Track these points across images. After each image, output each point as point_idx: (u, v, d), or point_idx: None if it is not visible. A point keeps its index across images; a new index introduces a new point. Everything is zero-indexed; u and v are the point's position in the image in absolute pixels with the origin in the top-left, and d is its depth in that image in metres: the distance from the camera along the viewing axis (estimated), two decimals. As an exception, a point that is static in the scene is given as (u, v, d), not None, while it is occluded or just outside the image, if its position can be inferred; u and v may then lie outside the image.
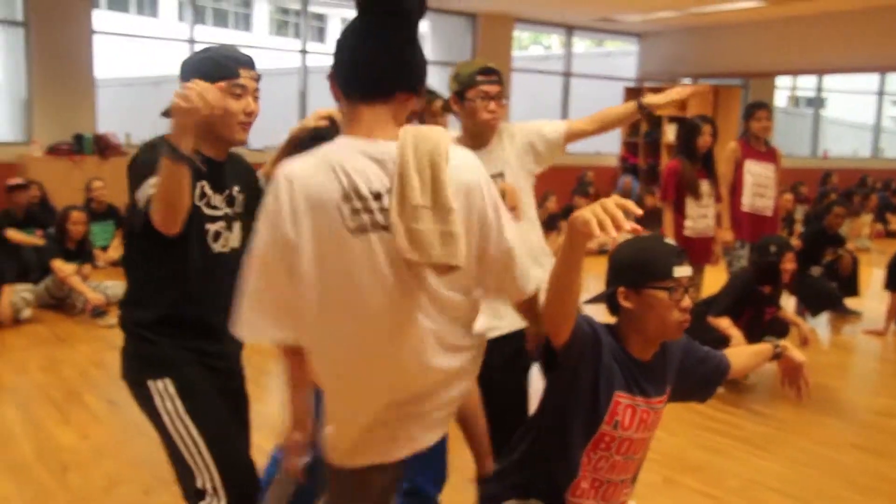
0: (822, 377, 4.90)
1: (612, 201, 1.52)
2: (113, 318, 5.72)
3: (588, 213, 1.52)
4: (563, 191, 9.57)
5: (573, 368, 1.88)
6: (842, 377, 5.17)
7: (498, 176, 2.70)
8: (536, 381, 2.64)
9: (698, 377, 2.11)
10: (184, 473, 2.04)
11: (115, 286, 6.13)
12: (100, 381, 4.50)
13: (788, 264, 4.48)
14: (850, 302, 6.64)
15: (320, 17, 27.16)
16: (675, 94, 3.05)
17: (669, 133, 11.64)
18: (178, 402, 2.01)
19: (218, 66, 2.01)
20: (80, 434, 3.73)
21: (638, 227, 1.54)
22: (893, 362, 5.73)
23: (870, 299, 6.86)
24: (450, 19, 11.73)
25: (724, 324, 4.40)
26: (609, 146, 12.55)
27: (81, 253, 6.28)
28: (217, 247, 2.08)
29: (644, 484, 3.28)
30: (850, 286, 6.63)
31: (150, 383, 2.02)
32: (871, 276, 7.06)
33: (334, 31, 28.92)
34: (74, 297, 5.93)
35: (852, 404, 4.59)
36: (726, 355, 2.15)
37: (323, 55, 11.04)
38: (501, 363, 2.54)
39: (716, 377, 2.13)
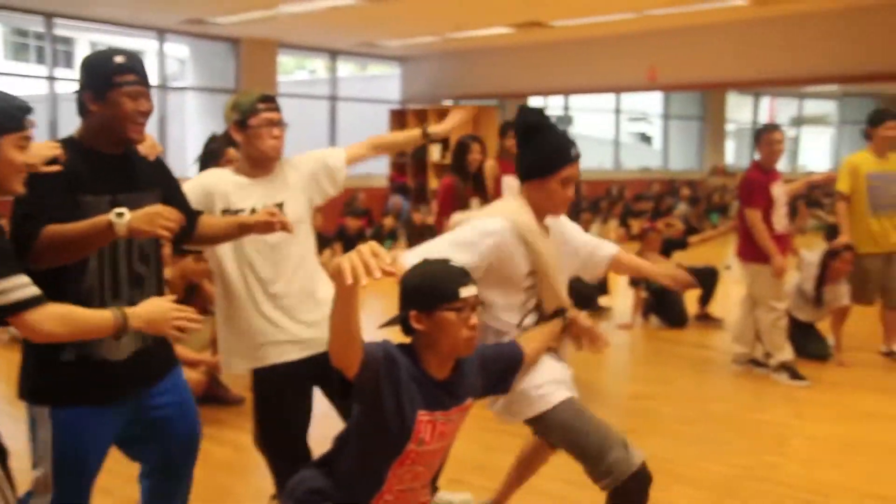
0: (584, 372, 5.35)
1: (368, 248, 1.68)
2: None
3: (344, 261, 1.67)
4: (334, 211, 9.68)
5: (374, 392, 1.95)
6: (600, 369, 5.68)
7: (278, 206, 2.72)
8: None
9: (499, 372, 2.28)
10: None
11: None
12: None
13: None
14: (602, 300, 7.31)
15: (67, 41, 25.34)
16: (455, 119, 3.21)
17: (434, 152, 12.13)
18: None
19: (7, 118, 1.90)
20: None
21: (392, 271, 1.69)
22: (641, 351, 6.39)
23: (621, 297, 7.59)
24: (212, 45, 11.48)
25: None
26: (378, 168, 12.84)
27: None
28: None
29: (431, 487, 3.44)
30: (602, 286, 7.29)
31: None
32: (620, 277, 7.80)
33: (83, 55, 27.06)
34: None
35: (613, 392, 5.07)
36: (518, 343, 2.34)
37: (72, 81, 10.35)
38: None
39: (514, 366, 2.31)
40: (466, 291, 2.00)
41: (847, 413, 4.64)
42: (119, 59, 2.19)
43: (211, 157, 4.15)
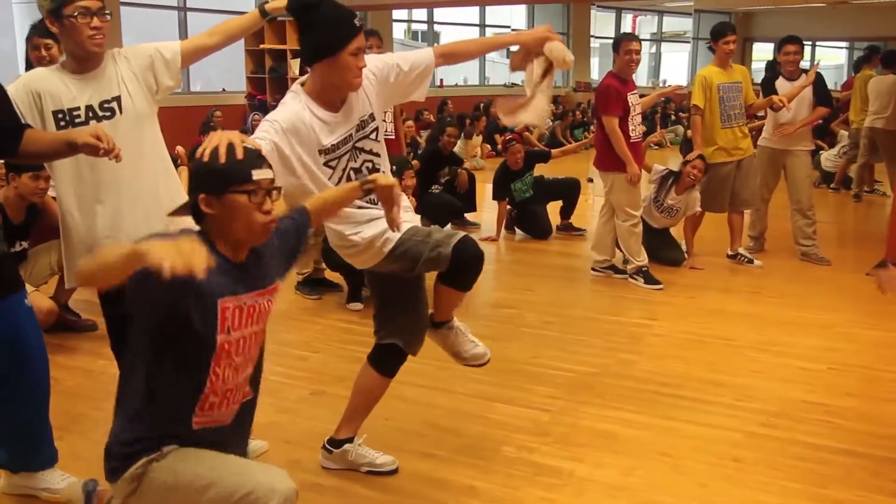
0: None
1: (189, 245, 1.52)
2: None
3: (163, 252, 1.48)
4: (190, 130, 9.24)
5: (164, 296, 1.74)
6: (465, 280, 5.74)
7: (114, 100, 2.53)
8: None
9: (291, 242, 2.20)
10: None
11: None
12: None
13: (409, 181, 4.91)
14: (470, 216, 7.36)
15: None
16: None
17: (294, 67, 11.69)
18: None
19: None
20: None
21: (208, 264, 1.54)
22: (505, 262, 6.52)
23: (486, 211, 7.65)
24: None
25: None
26: (235, 84, 12.31)
27: None
28: None
29: (295, 400, 3.42)
30: (469, 201, 7.32)
31: None
32: (486, 192, 7.84)
33: None
34: None
35: (476, 301, 5.12)
36: (305, 207, 2.27)
37: None
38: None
39: (304, 228, 2.25)
40: (260, 174, 1.90)
41: (695, 312, 4.89)
42: None
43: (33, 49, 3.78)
